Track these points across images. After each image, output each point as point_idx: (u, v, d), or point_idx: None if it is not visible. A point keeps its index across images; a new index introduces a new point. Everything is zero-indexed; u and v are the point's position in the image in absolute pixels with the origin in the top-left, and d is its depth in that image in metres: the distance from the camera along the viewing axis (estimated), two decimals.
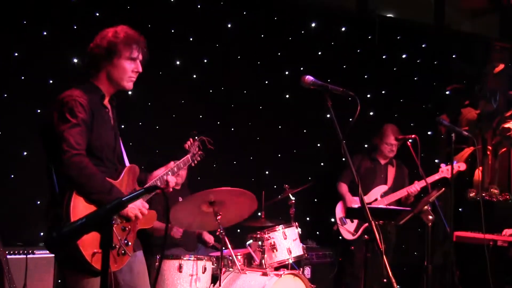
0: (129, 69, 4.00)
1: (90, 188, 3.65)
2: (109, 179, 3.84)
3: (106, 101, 4.05)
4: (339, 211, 7.54)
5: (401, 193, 7.23)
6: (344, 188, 7.58)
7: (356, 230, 7.32)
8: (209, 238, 7.02)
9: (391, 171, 7.62)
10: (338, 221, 7.42)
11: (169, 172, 4.35)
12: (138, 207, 3.90)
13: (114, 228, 3.82)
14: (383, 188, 7.44)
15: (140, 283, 4.14)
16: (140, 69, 4.06)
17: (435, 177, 7.04)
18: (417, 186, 7.14)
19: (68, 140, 3.66)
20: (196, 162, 4.65)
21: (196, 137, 4.71)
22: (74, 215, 3.55)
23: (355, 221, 7.34)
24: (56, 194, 3.70)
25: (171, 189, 4.43)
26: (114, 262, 3.82)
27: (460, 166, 7.13)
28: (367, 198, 7.32)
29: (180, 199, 6.42)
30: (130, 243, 3.95)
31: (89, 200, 3.67)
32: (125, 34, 3.99)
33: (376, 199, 7.34)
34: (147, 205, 4.00)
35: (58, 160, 3.67)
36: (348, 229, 7.34)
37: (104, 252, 2.40)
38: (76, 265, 3.65)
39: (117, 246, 3.84)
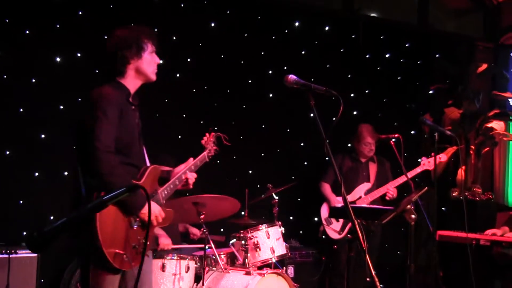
0: (154, 62, 4.19)
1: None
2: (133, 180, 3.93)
3: (131, 99, 4.15)
4: (324, 211, 7.52)
5: (384, 189, 7.26)
6: (327, 188, 7.58)
7: (342, 229, 7.31)
8: (196, 231, 6.99)
9: (373, 168, 7.64)
10: (324, 222, 7.41)
11: (187, 170, 4.43)
12: (155, 214, 4.00)
13: (135, 228, 3.88)
14: (366, 186, 7.46)
15: (145, 281, 4.18)
16: (160, 61, 4.23)
17: (417, 170, 7.09)
18: (391, 190, 7.21)
19: (99, 137, 3.73)
20: (210, 158, 4.72)
21: (212, 133, 4.76)
22: (101, 218, 3.60)
23: (341, 220, 7.34)
24: (83, 196, 3.74)
25: (191, 186, 4.49)
26: (133, 260, 3.87)
27: (441, 157, 7.20)
28: (351, 197, 7.34)
29: None
30: (148, 243, 3.98)
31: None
32: (146, 29, 4.18)
33: (360, 197, 7.35)
34: (163, 214, 4.08)
35: (89, 157, 3.72)
36: (334, 229, 7.34)
37: (88, 251, 2.37)
38: (98, 262, 3.70)
39: (137, 246, 3.89)
